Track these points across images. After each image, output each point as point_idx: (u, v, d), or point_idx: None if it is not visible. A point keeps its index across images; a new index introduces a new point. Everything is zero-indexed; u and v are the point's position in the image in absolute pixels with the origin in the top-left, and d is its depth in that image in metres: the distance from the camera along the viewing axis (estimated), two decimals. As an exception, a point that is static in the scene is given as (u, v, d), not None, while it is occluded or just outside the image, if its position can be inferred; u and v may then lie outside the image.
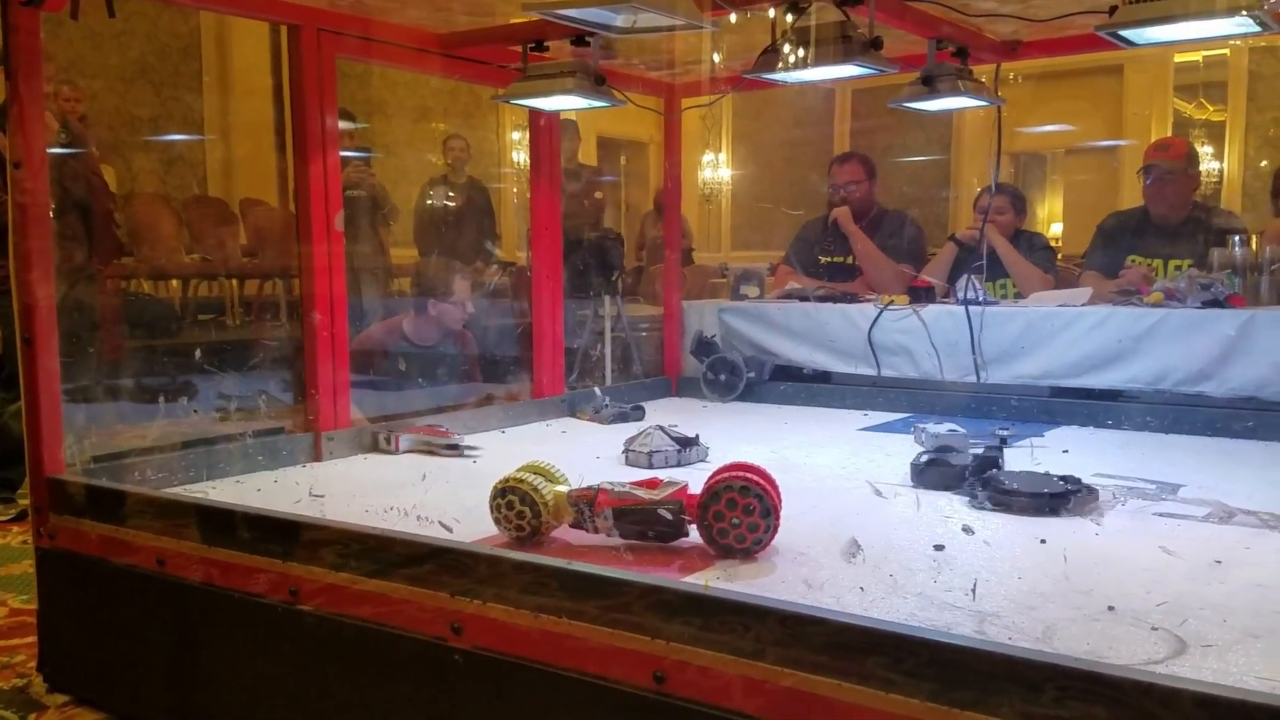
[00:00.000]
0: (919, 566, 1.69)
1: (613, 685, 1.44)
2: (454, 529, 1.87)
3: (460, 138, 6.76)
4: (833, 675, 1.28)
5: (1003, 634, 1.39)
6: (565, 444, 2.98)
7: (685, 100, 3.82)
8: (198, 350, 4.99)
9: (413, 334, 3.73)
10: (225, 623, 1.90)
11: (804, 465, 2.54)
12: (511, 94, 2.82)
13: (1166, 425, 2.95)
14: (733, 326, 3.85)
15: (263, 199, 7.53)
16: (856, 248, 4.04)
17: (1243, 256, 3.17)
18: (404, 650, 1.63)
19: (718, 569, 1.70)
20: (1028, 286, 3.67)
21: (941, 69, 2.75)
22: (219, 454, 2.47)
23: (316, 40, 2.61)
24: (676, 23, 2.03)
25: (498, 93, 2.93)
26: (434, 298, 3.83)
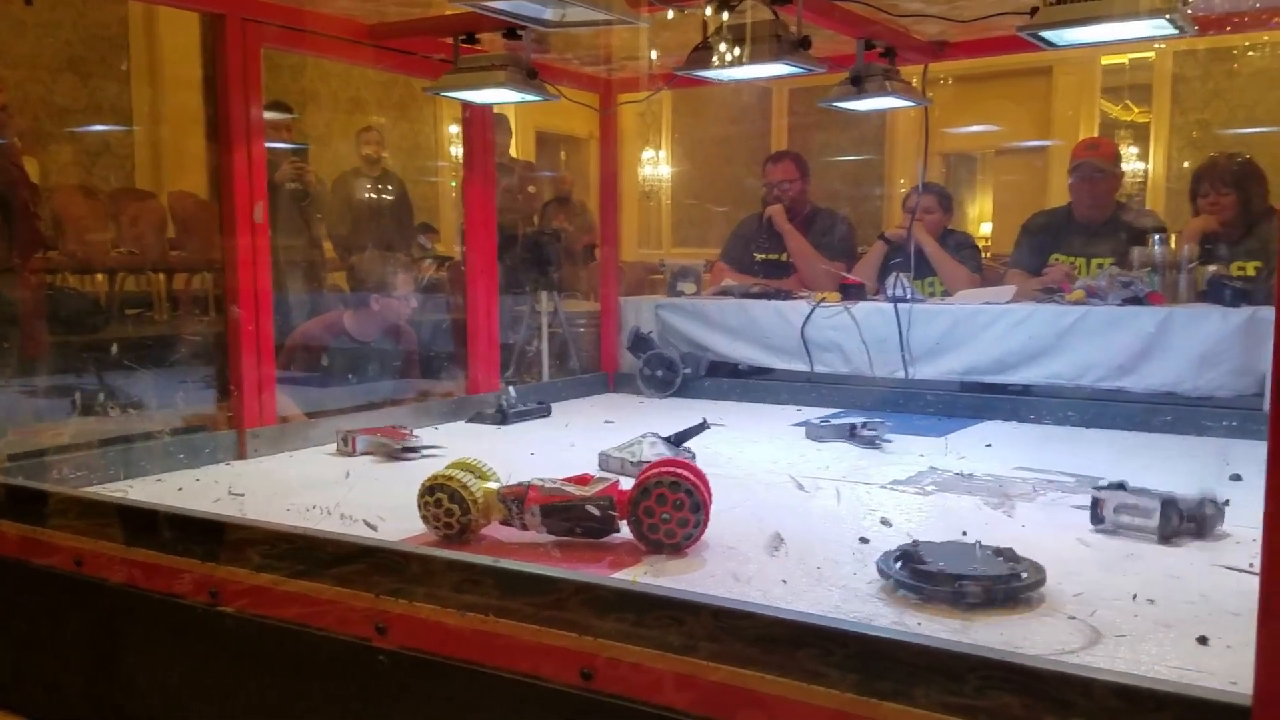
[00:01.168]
0: (843, 559, 1.71)
1: (541, 683, 1.43)
2: (379, 528, 1.85)
3: (375, 130, 6.65)
4: (762, 669, 1.29)
5: (921, 624, 1.42)
6: (499, 440, 2.96)
7: (621, 96, 3.82)
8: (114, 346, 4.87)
9: (354, 329, 3.69)
10: (146, 625, 1.86)
11: (735, 460, 2.56)
12: (442, 86, 2.79)
13: (1087, 420, 3.03)
14: (669, 323, 3.86)
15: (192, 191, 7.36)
16: (790, 245, 4.07)
17: (1162, 255, 3.26)
18: (327, 652, 1.61)
19: (646, 564, 1.71)
20: (954, 284, 3.73)
21: (870, 69, 2.78)
22: (138, 452, 2.41)
23: (241, 30, 2.56)
24: (607, 18, 2.02)
25: (428, 85, 2.90)
26: (376, 293, 3.79)
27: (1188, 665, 1.29)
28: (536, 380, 4.45)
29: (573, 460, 2.55)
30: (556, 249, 5.11)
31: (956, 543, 1.69)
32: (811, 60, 2.32)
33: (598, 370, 4.01)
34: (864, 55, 2.82)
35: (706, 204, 9.75)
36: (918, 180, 3.97)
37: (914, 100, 2.98)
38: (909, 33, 2.97)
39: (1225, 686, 1.13)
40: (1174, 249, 3.30)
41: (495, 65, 2.69)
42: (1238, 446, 2.66)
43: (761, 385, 3.65)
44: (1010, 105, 8.91)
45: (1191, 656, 1.32)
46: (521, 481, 1.85)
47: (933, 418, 3.17)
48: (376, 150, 6.49)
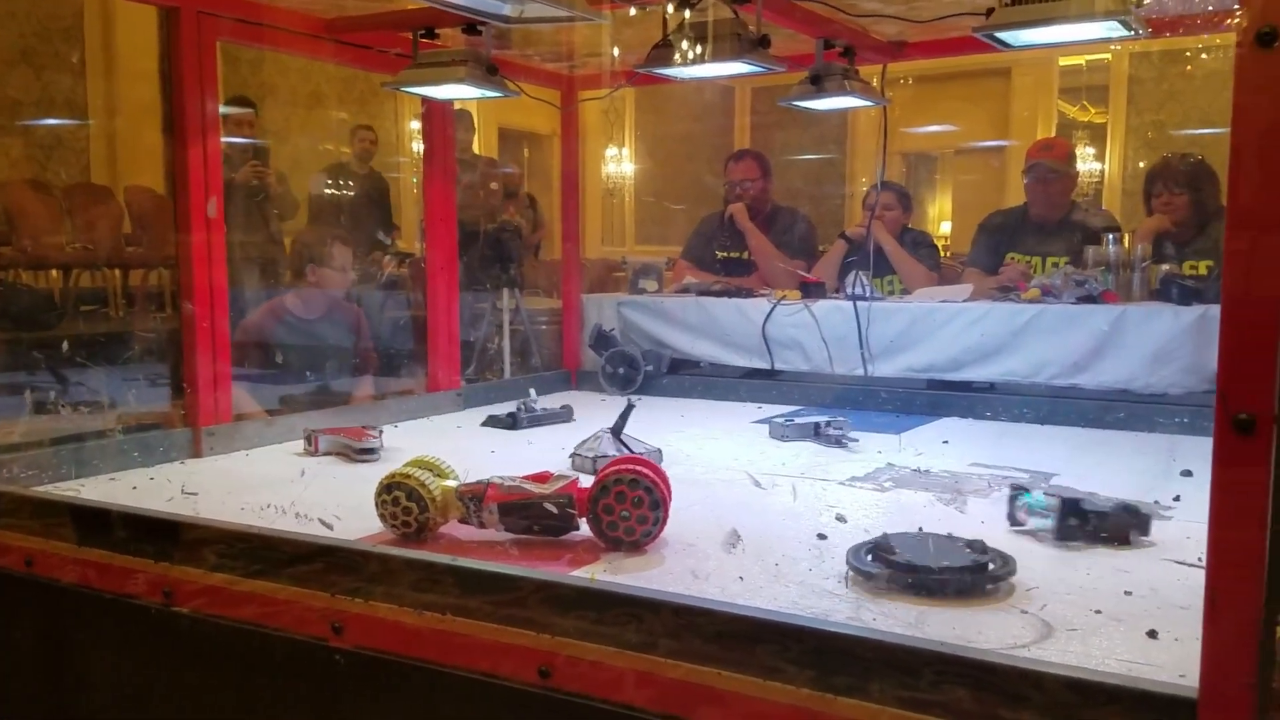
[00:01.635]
0: (800, 555, 1.72)
1: (499, 682, 1.43)
2: (335, 526, 1.83)
3: (369, 129, 6.69)
4: (721, 665, 1.29)
5: (877, 619, 1.43)
6: (461, 438, 2.95)
7: (582, 93, 3.81)
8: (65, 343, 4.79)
9: (297, 308, 3.65)
10: (98, 626, 1.83)
11: (695, 457, 2.57)
12: (401, 81, 2.77)
13: (1042, 416, 3.07)
14: (631, 320, 3.86)
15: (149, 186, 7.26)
16: (751, 244, 4.09)
17: (1116, 254, 3.31)
18: (282, 652, 1.59)
19: (604, 562, 1.70)
20: (913, 283, 3.77)
21: (829, 69, 2.80)
22: (90, 450, 2.37)
23: (196, 23, 2.53)
24: (567, 14, 2.02)
25: (387, 80, 2.88)
26: (312, 264, 3.75)
27: (1137, 659, 1.31)
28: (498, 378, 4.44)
29: (532, 458, 2.54)
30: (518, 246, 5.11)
31: (924, 534, 1.71)
32: (771, 59, 2.33)
33: (559, 368, 4.00)
34: (823, 55, 2.83)
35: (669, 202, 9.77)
36: (877, 179, 4.00)
37: (873, 100, 3.00)
38: (868, 33, 2.99)
39: (1174, 679, 1.15)
40: (1127, 248, 3.36)
41: (455, 61, 2.67)
42: (1189, 443, 2.71)
43: (722, 383, 3.66)
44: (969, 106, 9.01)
45: (1141, 650, 1.34)
46: (480, 479, 1.84)
47: (891, 415, 3.20)
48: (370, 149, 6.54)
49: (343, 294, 3.76)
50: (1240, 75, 0.99)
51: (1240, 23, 0.98)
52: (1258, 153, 1.00)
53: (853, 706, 1.22)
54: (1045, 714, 1.13)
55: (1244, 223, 1.01)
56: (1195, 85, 8.23)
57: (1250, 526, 1.01)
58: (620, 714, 1.35)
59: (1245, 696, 1.03)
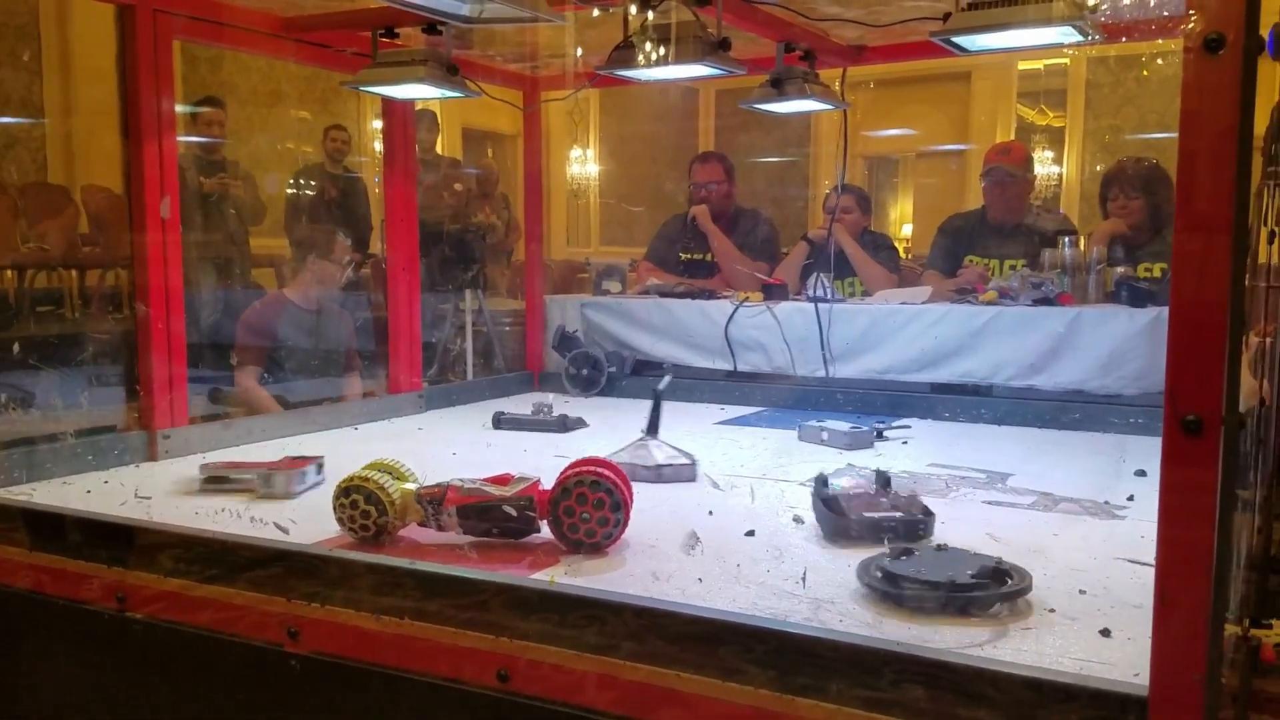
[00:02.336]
0: (760, 556, 1.72)
1: (457, 686, 1.42)
2: (290, 531, 1.81)
3: (343, 129, 6.65)
4: (682, 667, 1.29)
5: (836, 620, 1.43)
6: (421, 440, 2.93)
7: (545, 94, 3.80)
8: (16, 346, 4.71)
9: (297, 298, 3.65)
10: (50, 631, 1.80)
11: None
12: (361, 81, 2.75)
13: (999, 417, 3.10)
14: (595, 321, 3.86)
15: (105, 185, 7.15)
16: (714, 245, 4.10)
17: (1072, 257, 3.35)
18: (236, 658, 1.58)
19: (564, 564, 1.70)
20: (873, 285, 3.79)
21: (790, 72, 2.81)
22: (41, 454, 2.33)
23: (152, 20, 2.49)
24: (526, 15, 2.01)
25: (346, 79, 2.86)
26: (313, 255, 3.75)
27: (1090, 657, 1.32)
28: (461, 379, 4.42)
29: (493, 460, 2.53)
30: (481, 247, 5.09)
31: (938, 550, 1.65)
32: (731, 62, 2.34)
33: (522, 369, 3.99)
34: (784, 58, 2.85)
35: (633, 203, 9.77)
36: (838, 182, 4.03)
37: (833, 103, 3.02)
38: (828, 36, 3.01)
39: (1126, 677, 1.17)
40: (1083, 251, 3.40)
41: (415, 60, 2.65)
42: (1142, 443, 2.75)
43: (685, 384, 3.66)
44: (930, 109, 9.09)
45: (1094, 648, 1.35)
46: (440, 482, 1.83)
47: (852, 415, 3.22)
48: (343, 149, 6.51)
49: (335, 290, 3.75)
50: (1188, 81, 1.01)
51: (1190, 28, 1.00)
52: (1206, 157, 1.01)
53: (812, 707, 1.23)
54: (1003, 712, 1.14)
55: (1193, 226, 1.02)
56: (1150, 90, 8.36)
57: (1199, 525, 1.03)
58: (581, 717, 1.35)
59: (1195, 693, 1.05)
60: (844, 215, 3.89)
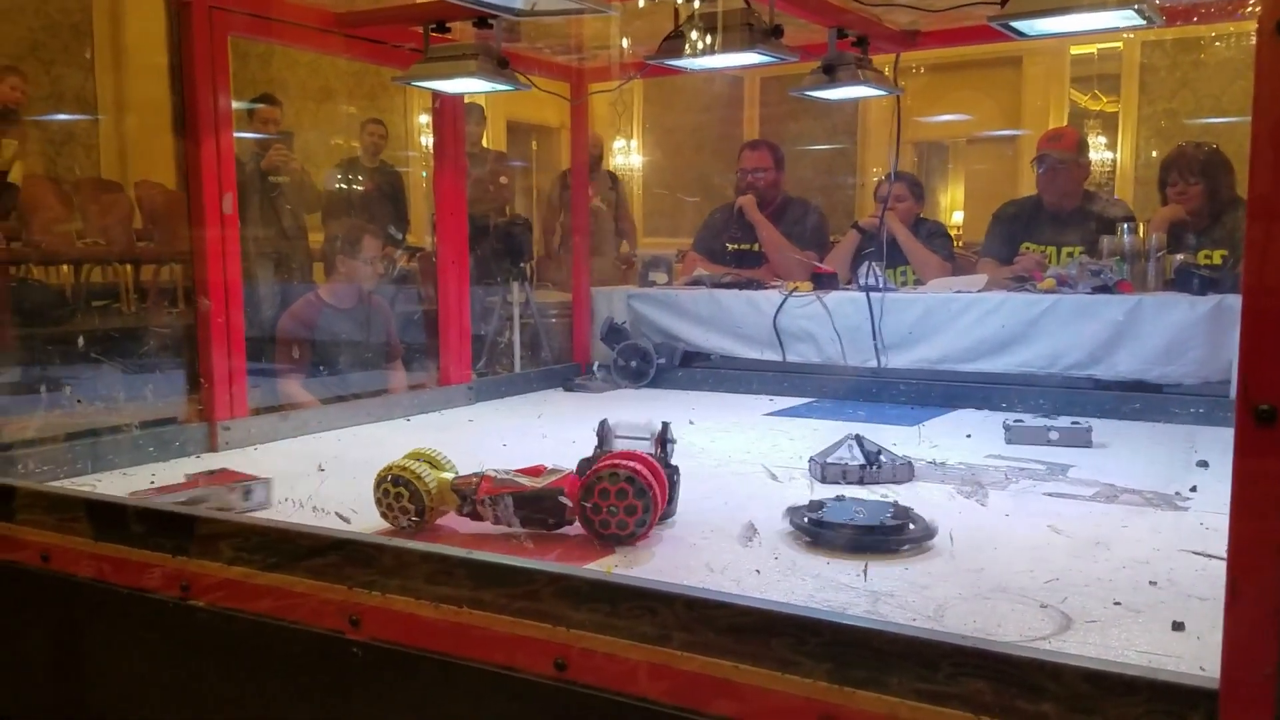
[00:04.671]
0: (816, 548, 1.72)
1: (514, 674, 1.43)
2: (351, 520, 1.83)
3: (380, 123, 6.69)
4: (735, 658, 1.29)
5: (896, 613, 1.42)
6: (470, 432, 2.95)
7: (592, 85, 3.80)
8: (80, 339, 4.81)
9: (330, 298, 3.69)
10: (114, 619, 1.84)
11: (708, 450, 2.56)
12: (412, 76, 2.77)
13: (1058, 408, 3.05)
14: (641, 313, 3.86)
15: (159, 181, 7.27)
16: (761, 235, 4.08)
17: (1131, 244, 3.29)
18: (299, 645, 1.60)
19: (620, 555, 1.70)
20: (926, 273, 3.75)
21: (842, 58, 2.79)
22: (106, 446, 2.38)
23: (209, 18, 2.53)
24: (577, 7, 2.01)
25: (397, 74, 2.88)
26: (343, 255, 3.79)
27: (1156, 650, 1.30)
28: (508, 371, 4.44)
29: (545, 451, 2.54)
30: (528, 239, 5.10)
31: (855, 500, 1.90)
32: (783, 49, 2.32)
33: (570, 361, 4.00)
34: (836, 44, 2.82)
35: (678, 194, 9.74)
36: (889, 169, 3.98)
37: (885, 89, 2.99)
38: (881, 22, 2.97)
39: (1194, 670, 1.14)
40: (1142, 238, 3.34)
41: (466, 55, 2.66)
42: (1205, 433, 2.70)
43: (733, 375, 3.66)
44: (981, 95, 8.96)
45: (1160, 641, 1.33)
46: (475, 472, 1.85)
47: (905, 407, 3.19)
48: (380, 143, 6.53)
49: (371, 287, 3.78)
50: (1260, 64, 0.98)
51: (1259, 11, 0.97)
52: (1278, 141, 0.99)
53: (870, 699, 1.22)
54: (1063, 705, 1.12)
55: (1264, 212, 1.00)
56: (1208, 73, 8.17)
57: (1271, 517, 1.01)
58: (636, 707, 1.35)
59: (1267, 687, 1.02)
60: (896, 203, 3.85)
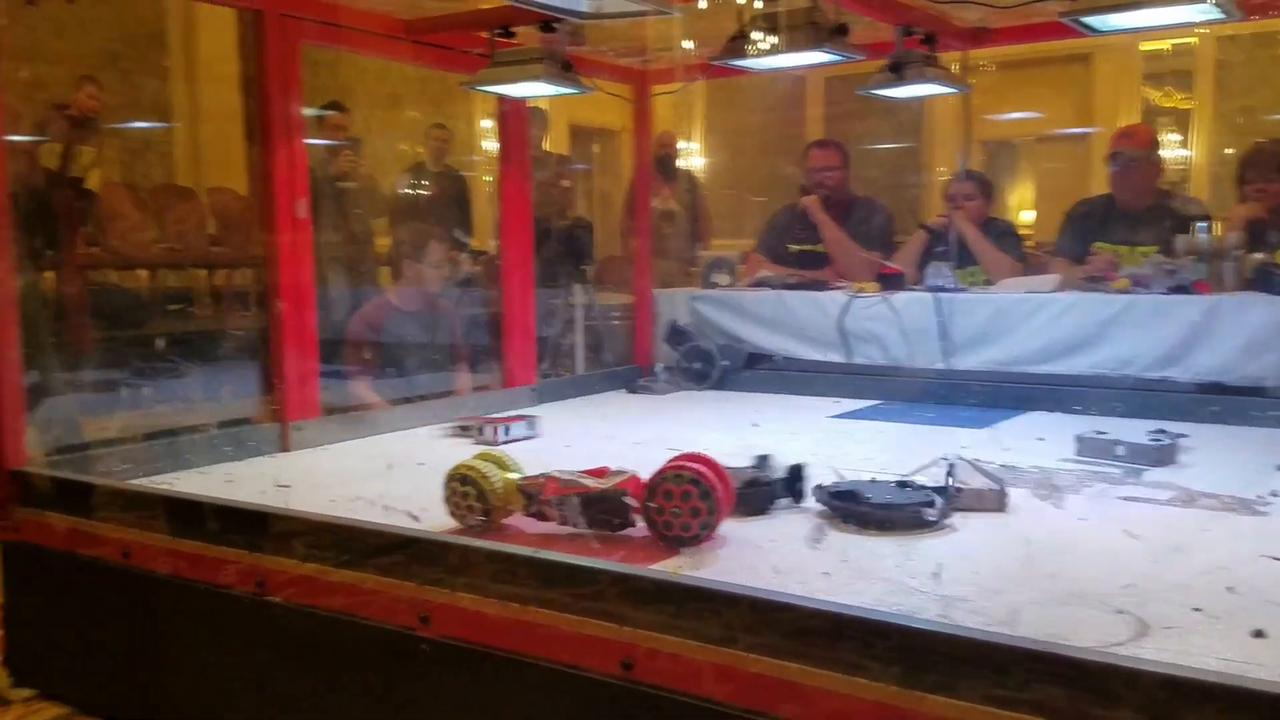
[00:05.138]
0: (885, 551, 1.70)
1: (581, 673, 1.44)
2: (421, 519, 1.86)
3: (444, 128, 6.76)
4: (801, 660, 1.28)
5: (968, 618, 1.40)
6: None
7: (655, 87, 3.81)
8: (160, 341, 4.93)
9: (398, 301, 3.76)
10: (192, 614, 1.89)
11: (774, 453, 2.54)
12: (479, 81, 2.80)
13: (1133, 410, 2.98)
14: (704, 315, 3.85)
15: (230, 187, 7.43)
16: (826, 236, 4.04)
17: (1207, 242, 3.20)
18: (371, 640, 1.62)
19: (685, 556, 1.70)
20: (996, 273, 3.69)
21: (909, 56, 2.76)
22: (183, 445, 2.44)
23: (280, 26, 2.58)
24: (642, 9, 2.02)
25: (464, 80, 2.91)
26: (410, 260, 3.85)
27: (1236, 657, 1.27)
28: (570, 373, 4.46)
29: (610, 452, 2.54)
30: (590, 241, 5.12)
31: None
32: (850, 47, 2.30)
33: (632, 363, 4.00)
34: (903, 42, 2.79)
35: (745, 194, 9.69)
36: (958, 167, 3.93)
37: (954, 87, 2.95)
38: (948, 19, 2.94)
39: (1276, 679, 1.11)
40: (1219, 236, 3.25)
41: (531, 59, 2.69)
42: (1286, 436, 2.62)
43: (798, 377, 3.63)
44: (1050, 92, 8.79)
45: (1241, 649, 1.30)
46: (540, 473, 1.86)
47: (975, 409, 3.14)
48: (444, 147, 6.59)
49: (437, 290, 3.84)
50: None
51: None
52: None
53: (941, 704, 1.20)
54: (1139, 713, 1.10)
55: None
56: (1287, 69, 7.93)
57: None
58: (702, 708, 1.35)
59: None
60: (965, 202, 3.79)
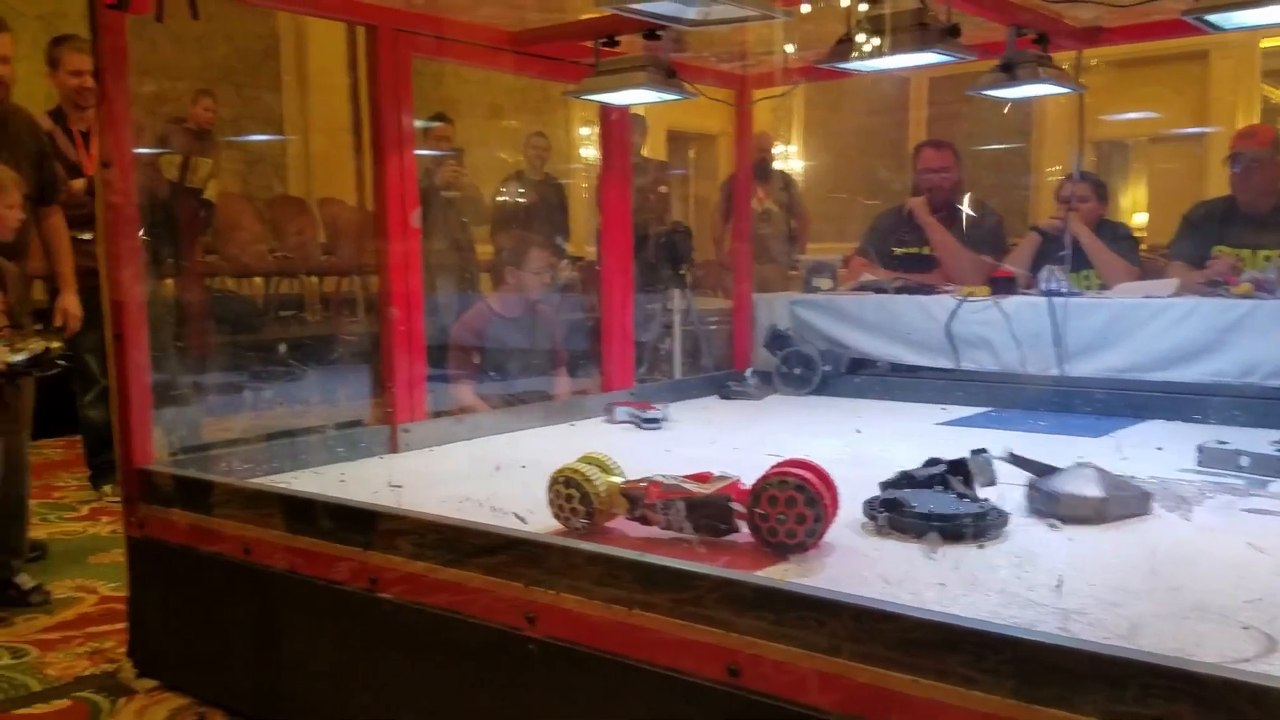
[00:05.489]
0: (1000, 563, 1.66)
1: (685, 677, 1.44)
2: (528, 520, 1.88)
3: (542, 136, 6.85)
4: (909, 671, 1.26)
5: (1087, 631, 1.36)
6: (637, 437, 2.98)
7: (757, 92, 3.79)
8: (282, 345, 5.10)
9: (499, 308, 3.83)
10: (307, 610, 1.94)
11: (879, 460, 2.50)
12: (583, 89, 2.83)
13: (1255, 419, 2.85)
14: (805, 319, 3.82)
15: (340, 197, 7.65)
16: (933, 239, 3.97)
17: (1337, 245, 3.05)
18: (480, 638, 1.65)
19: (793, 562, 1.69)
20: (1112, 277, 3.58)
21: (1021, 56, 2.69)
22: (300, 445, 2.53)
23: (393, 40, 2.65)
24: (751, 14, 2.01)
25: (568, 88, 2.94)
26: (511, 267, 3.92)
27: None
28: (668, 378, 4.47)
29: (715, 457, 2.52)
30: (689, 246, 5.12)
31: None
32: (961, 48, 2.26)
33: (730, 368, 3.99)
34: (1015, 42, 2.73)
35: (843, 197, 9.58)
36: (1071, 169, 3.81)
37: (1068, 87, 2.87)
38: (1062, 18, 2.86)
39: None
40: (1350, 239, 3.09)
41: (635, 66, 2.71)
42: None
43: (901, 383, 3.57)
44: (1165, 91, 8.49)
45: (1382, 669, 1.23)
46: (643, 477, 1.87)
47: (1090, 417, 3.05)
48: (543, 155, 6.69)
49: (538, 297, 3.90)
50: None
51: None
52: None
53: (1058, 718, 1.17)
54: (1264, 730, 1.06)
55: None
56: None
57: None
58: (807, 716, 1.34)
59: None
60: (1080, 204, 3.68)
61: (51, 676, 2.31)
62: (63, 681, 2.28)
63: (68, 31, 4.62)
